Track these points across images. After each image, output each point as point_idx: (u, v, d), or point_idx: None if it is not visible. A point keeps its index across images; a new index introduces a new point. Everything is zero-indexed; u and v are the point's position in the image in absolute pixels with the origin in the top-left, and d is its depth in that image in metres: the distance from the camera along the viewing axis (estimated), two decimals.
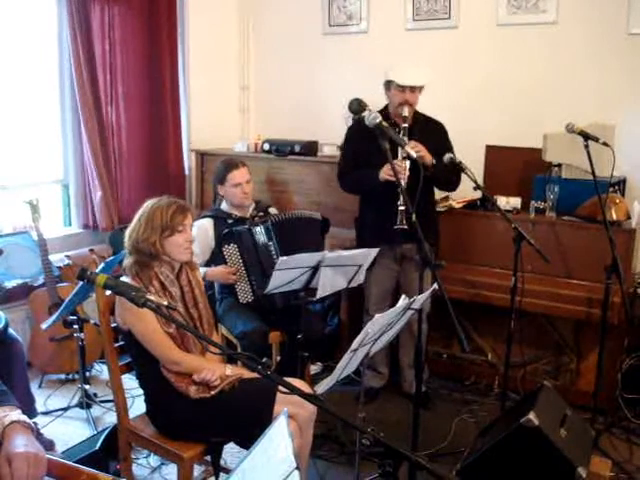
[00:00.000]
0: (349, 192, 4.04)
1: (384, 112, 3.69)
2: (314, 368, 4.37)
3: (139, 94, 4.99)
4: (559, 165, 4.05)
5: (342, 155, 4.03)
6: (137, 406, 3.45)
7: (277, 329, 3.63)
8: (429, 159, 3.52)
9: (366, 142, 3.66)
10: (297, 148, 4.81)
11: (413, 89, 3.63)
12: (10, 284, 4.15)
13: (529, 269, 3.62)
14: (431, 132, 3.77)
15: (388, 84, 3.71)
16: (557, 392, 3.20)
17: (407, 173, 3.41)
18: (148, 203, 2.79)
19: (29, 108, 4.62)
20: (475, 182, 3.31)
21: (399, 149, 3.41)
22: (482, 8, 4.60)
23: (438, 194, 4.08)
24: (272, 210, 4.03)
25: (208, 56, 5.45)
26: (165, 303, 1.80)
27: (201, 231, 3.67)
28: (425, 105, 3.79)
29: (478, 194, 4.07)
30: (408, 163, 3.40)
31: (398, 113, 3.63)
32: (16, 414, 1.79)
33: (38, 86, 4.65)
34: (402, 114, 3.58)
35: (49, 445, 3.40)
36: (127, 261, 2.75)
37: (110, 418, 3.82)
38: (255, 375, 2.72)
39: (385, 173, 3.52)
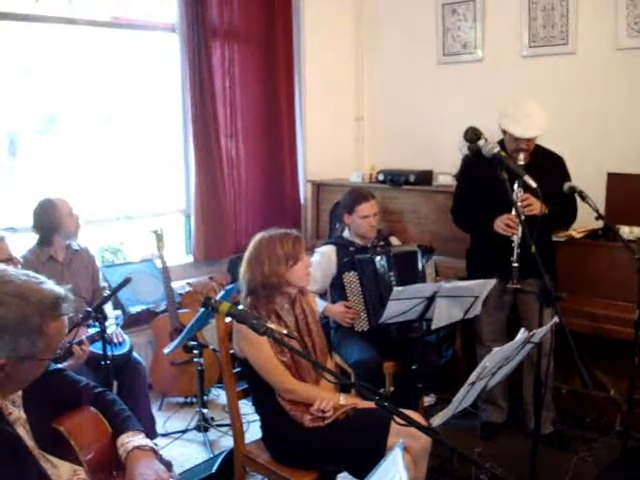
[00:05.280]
0: (461, 229, 3.99)
1: (501, 145, 3.63)
2: (428, 400, 4.30)
3: (257, 127, 5.14)
4: None
5: (456, 189, 3.99)
6: (252, 431, 3.50)
7: (391, 359, 3.61)
8: (539, 210, 3.25)
9: (481, 173, 3.61)
10: (412, 178, 4.80)
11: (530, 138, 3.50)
12: (135, 309, 4.32)
13: None
14: (550, 167, 3.63)
15: (504, 130, 3.59)
16: None
17: (520, 229, 3.33)
18: (259, 240, 2.81)
19: (154, 142, 4.87)
20: (597, 211, 3.20)
21: (514, 193, 3.32)
22: (600, 33, 4.45)
23: None
24: (393, 239, 4.05)
25: (323, 88, 5.55)
26: (285, 331, 1.84)
27: (324, 258, 3.72)
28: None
29: (599, 224, 3.92)
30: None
31: (514, 158, 3.45)
32: (138, 439, 1.87)
33: (162, 121, 4.89)
34: (517, 161, 3.40)
35: (167, 466, 3.49)
36: (246, 301, 2.80)
37: (226, 442, 3.91)
38: (369, 405, 2.71)
39: (499, 227, 3.47)
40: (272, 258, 2.74)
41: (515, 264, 3.33)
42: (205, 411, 4.09)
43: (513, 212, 3.38)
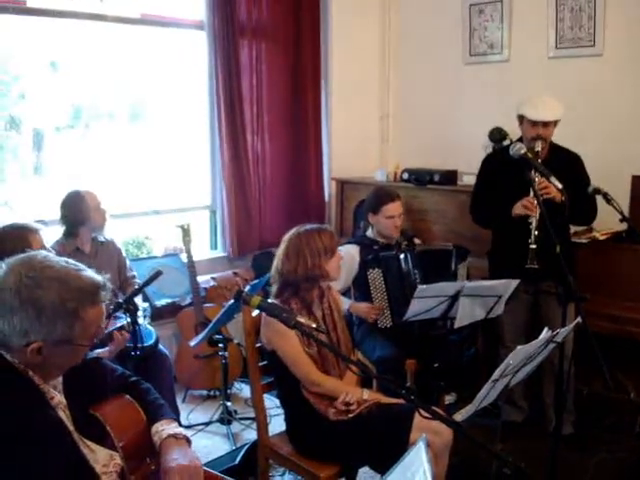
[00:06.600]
0: (480, 226, 4.02)
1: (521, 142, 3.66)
2: (449, 398, 4.32)
3: (283, 125, 5.19)
4: None
5: (475, 186, 4.02)
6: (274, 424, 3.54)
7: (413, 357, 3.62)
8: (557, 197, 3.36)
9: (502, 173, 3.64)
10: (436, 177, 4.81)
11: (546, 124, 3.53)
12: (160, 302, 4.40)
13: None
14: (567, 164, 3.66)
15: (521, 118, 3.64)
16: None
17: (538, 211, 3.35)
18: (296, 234, 2.84)
19: (181, 139, 4.93)
20: (621, 213, 3.22)
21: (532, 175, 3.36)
22: (628, 35, 4.43)
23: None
24: (416, 241, 4.07)
25: (349, 87, 5.57)
26: (314, 325, 1.88)
27: (348, 257, 3.73)
28: (567, 135, 3.72)
29: (623, 226, 3.93)
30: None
31: (531, 148, 3.51)
32: (172, 427, 1.92)
33: (189, 118, 4.95)
34: (535, 149, 3.47)
35: None
36: (279, 294, 2.84)
37: (248, 435, 3.96)
38: (392, 400, 2.75)
39: (517, 209, 3.49)
40: (313, 251, 2.78)
41: (533, 246, 3.32)
42: (228, 404, 4.14)
43: (531, 194, 3.40)
